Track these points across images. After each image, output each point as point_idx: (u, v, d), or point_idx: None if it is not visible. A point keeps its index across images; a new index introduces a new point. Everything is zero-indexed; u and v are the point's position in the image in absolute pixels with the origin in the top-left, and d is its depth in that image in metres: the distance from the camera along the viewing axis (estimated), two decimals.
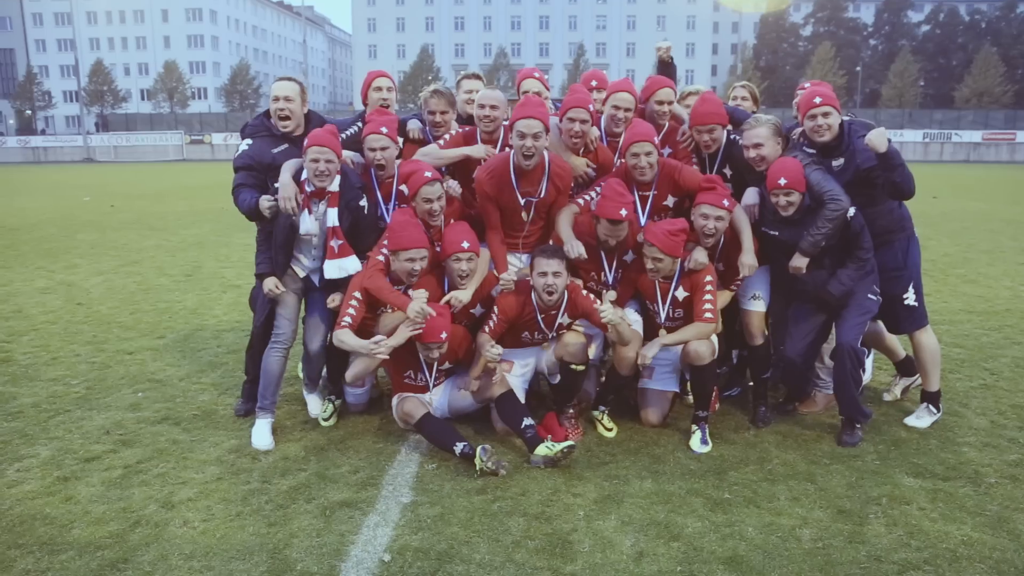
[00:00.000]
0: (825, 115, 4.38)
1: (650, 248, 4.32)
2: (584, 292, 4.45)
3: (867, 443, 4.44)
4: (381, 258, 4.35)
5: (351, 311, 4.30)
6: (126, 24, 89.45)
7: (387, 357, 4.19)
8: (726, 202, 4.41)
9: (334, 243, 4.40)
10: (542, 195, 4.54)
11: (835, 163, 4.47)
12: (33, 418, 4.80)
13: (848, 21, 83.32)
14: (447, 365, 4.53)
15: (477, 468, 3.95)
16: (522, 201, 4.52)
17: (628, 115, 4.90)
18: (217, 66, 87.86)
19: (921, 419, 4.75)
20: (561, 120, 4.73)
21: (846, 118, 4.55)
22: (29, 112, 79.89)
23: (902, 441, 4.48)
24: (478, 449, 3.97)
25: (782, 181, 4.28)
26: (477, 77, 5.40)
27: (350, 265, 4.44)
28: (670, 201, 4.69)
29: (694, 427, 4.49)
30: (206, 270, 10.30)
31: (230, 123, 63.44)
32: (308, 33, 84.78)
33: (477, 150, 4.75)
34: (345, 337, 4.24)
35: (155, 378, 5.62)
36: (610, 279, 4.64)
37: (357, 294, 4.31)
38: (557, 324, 4.48)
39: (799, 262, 4.44)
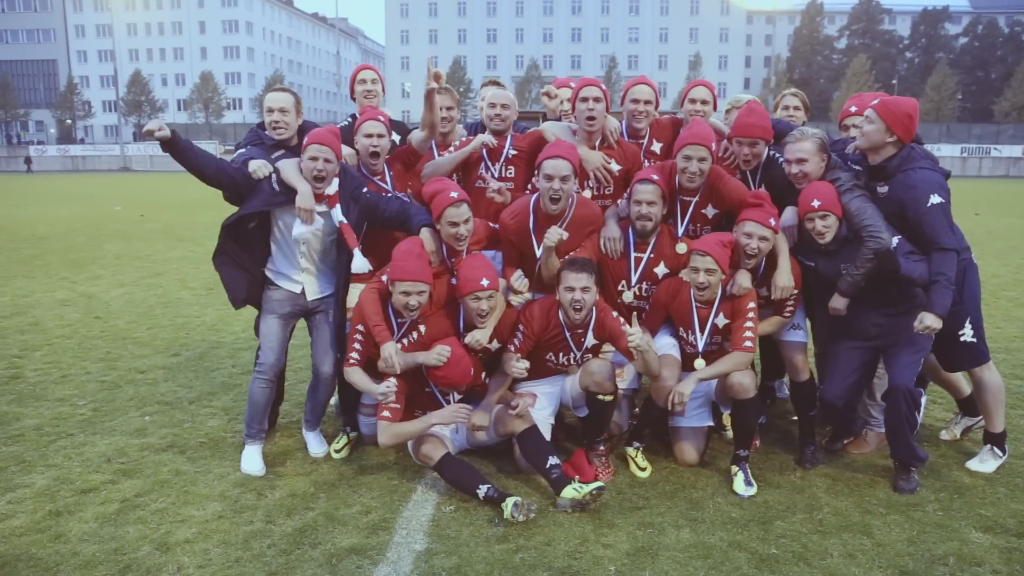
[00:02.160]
0: (866, 119, 4.00)
1: (702, 259, 3.97)
2: (614, 314, 4.11)
3: (927, 490, 4.04)
4: (385, 279, 4.07)
5: (357, 346, 4.05)
6: (164, 36, 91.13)
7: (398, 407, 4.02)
8: (773, 221, 4.05)
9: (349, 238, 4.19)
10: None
11: (880, 188, 4.07)
12: (34, 442, 4.57)
13: (884, 34, 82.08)
14: (458, 396, 4.23)
15: (505, 517, 3.61)
16: (539, 251, 4.21)
17: (648, 108, 4.63)
18: (252, 77, 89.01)
19: (985, 463, 4.34)
20: (573, 109, 4.48)
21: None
22: (69, 121, 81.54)
23: (966, 488, 4.07)
24: (510, 504, 3.61)
25: (816, 203, 3.91)
26: (497, 84, 5.17)
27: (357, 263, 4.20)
28: (710, 211, 4.36)
29: (735, 468, 4.11)
30: None
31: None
32: (342, 44, 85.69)
33: (476, 142, 4.59)
34: (355, 377, 4.06)
35: (164, 400, 5.37)
36: (634, 281, 4.32)
37: (360, 327, 4.06)
38: (585, 347, 4.15)
39: (839, 303, 4.08)
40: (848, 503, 3.90)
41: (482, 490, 3.76)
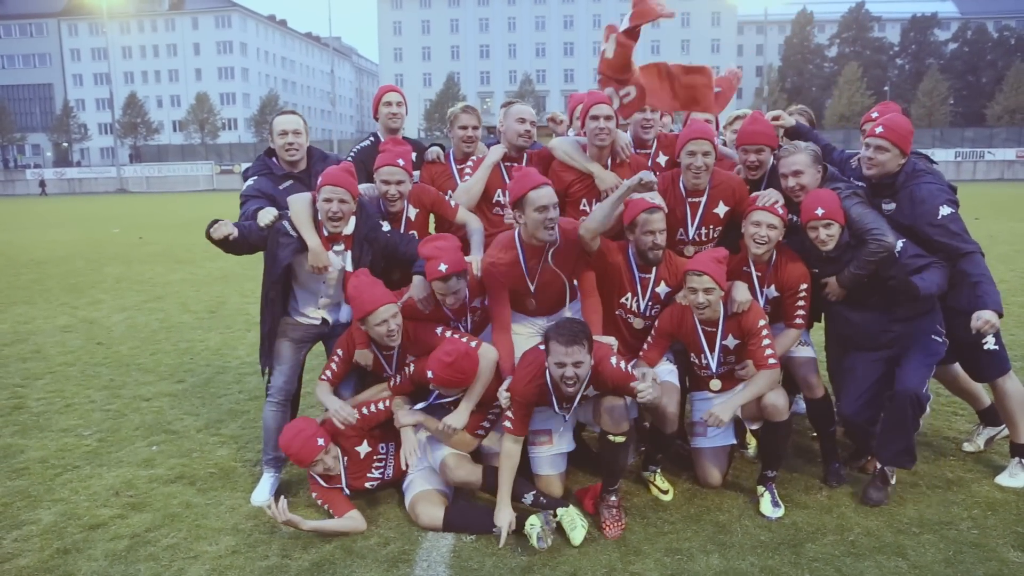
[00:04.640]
0: (879, 148, 3.97)
1: (699, 278, 3.82)
2: (612, 361, 3.76)
3: (959, 507, 3.93)
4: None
5: (333, 366, 4.04)
6: (159, 58, 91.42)
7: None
8: (781, 210, 4.00)
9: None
10: (546, 267, 4.03)
11: (886, 206, 4.05)
12: (39, 475, 4.46)
13: (874, 41, 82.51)
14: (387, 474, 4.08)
15: (532, 544, 3.47)
16: (532, 286, 4.04)
17: (655, 116, 4.65)
18: (247, 97, 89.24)
19: (1015, 477, 4.24)
20: (583, 124, 4.36)
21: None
22: (66, 144, 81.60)
23: (998, 504, 3.97)
24: (534, 534, 3.47)
25: (819, 211, 3.87)
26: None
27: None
28: (721, 209, 4.29)
29: (761, 488, 4.01)
30: (230, 306, 10.01)
31: (259, 153, 64.40)
32: (336, 63, 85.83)
33: (494, 155, 4.54)
34: (319, 392, 4.07)
35: (171, 428, 5.26)
36: (642, 306, 4.17)
37: (339, 351, 4.04)
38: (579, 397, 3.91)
39: (834, 288, 4.07)
40: (879, 523, 3.79)
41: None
